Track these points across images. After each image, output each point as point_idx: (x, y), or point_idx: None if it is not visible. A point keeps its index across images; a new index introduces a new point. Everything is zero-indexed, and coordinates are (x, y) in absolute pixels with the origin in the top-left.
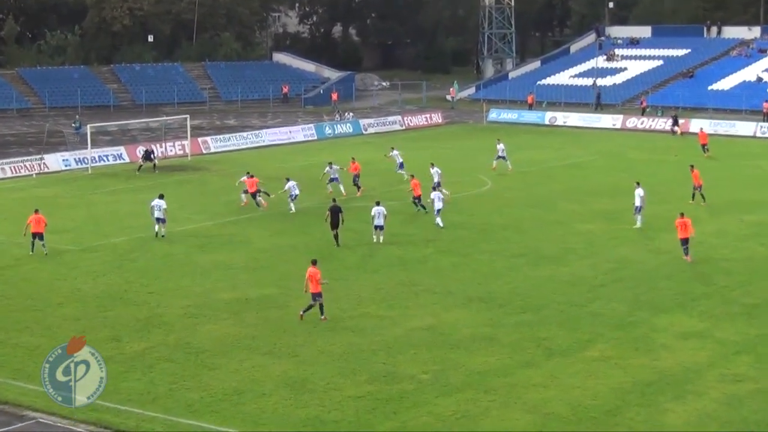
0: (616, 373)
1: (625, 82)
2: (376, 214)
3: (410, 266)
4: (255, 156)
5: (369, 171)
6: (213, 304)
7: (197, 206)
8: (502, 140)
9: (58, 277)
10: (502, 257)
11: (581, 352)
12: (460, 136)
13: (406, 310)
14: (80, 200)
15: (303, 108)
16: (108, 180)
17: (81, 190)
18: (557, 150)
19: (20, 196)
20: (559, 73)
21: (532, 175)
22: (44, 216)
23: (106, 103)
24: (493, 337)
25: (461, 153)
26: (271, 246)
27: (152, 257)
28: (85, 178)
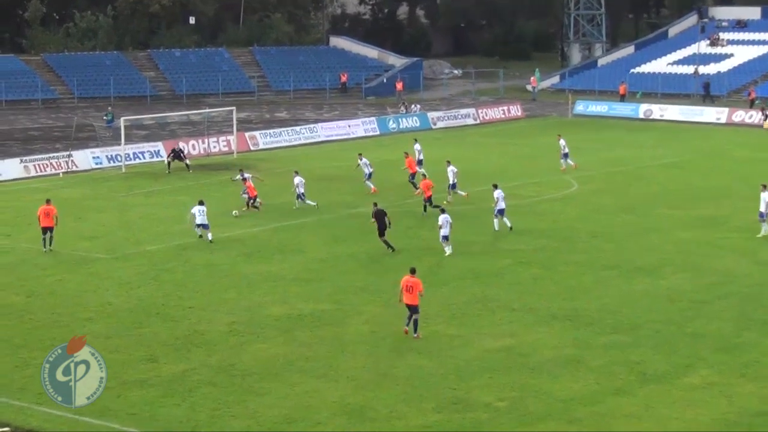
0: (720, 402)
1: (730, 70)
2: (443, 223)
3: (485, 279)
4: (309, 153)
5: (433, 172)
6: (261, 321)
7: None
8: (564, 135)
9: (87, 289)
10: (590, 269)
11: (680, 379)
12: (542, 132)
13: (480, 329)
14: (112, 203)
15: (363, 99)
16: (143, 180)
17: (113, 191)
18: (653, 148)
19: (45, 198)
20: (655, 59)
21: (624, 176)
22: (55, 207)
23: (142, 94)
24: (579, 360)
25: (543, 151)
26: (328, 255)
27: (192, 267)
28: (118, 177)
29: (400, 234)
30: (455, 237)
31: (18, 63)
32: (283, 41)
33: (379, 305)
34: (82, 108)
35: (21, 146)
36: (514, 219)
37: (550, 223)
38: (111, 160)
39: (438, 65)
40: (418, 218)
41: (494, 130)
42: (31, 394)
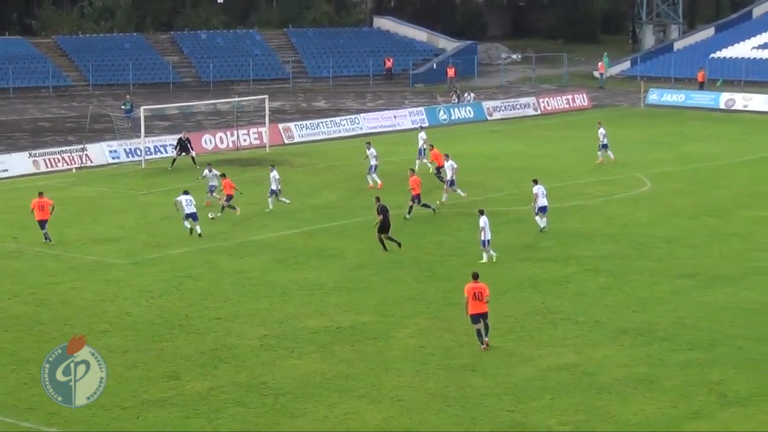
0: None
1: None
2: (485, 226)
3: (546, 288)
4: (350, 147)
5: (488, 168)
6: (295, 334)
7: (276, 210)
8: (604, 124)
9: (103, 298)
10: (664, 278)
11: (765, 402)
12: (611, 123)
13: (541, 345)
14: (131, 202)
15: (411, 87)
16: (166, 177)
17: (132, 188)
18: (736, 142)
19: (57, 197)
20: (738, 43)
21: (703, 175)
22: (50, 199)
23: (164, 80)
24: (652, 379)
25: (612, 145)
26: (370, 261)
27: (219, 274)
28: (138, 174)
29: (450, 236)
30: (513, 241)
31: (27, 46)
32: (322, 22)
33: (426, 317)
34: (97, 96)
35: (30, 139)
36: (580, 221)
37: (620, 226)
38: (129, 154)
39: (494, 49)
40: (472, 220)
41: (557, 122)
42: (40, 413)
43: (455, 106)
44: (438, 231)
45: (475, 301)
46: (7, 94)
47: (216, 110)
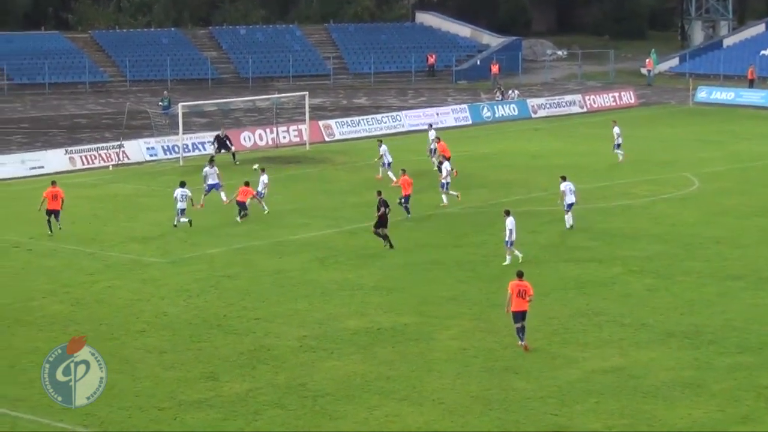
0: None
1: None
2: (512, 228)
3: (591, 290)
4: (391, 145)
5: (532, 166)
6: (335, 335)
7: (316, 209)
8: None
9: (139, 298)
10: (713, 280)
11: None
12: (659, 122)
13: (586, 347)
14: (168, 200)
15: (454, 84)
16: None
17: (169, 186)
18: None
19: (93, 194)
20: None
21: (753, 173)
22: (62, 189)
23: (203, 76)
24: (700, 383)
25: (660, 144)
26: (412, 261)
27: (258, 273)
28: (175, 171)
29: (493, 236)
30: (557, 241)
31: (63, 41)
32: (363, 17)
33: (469, 318)
34: (134, 92)
35: (66, 135)
36: (626, 221)
37: (667, 226)
38: (167, 151)
39: (539, 45)
40: (515, 220)
41: (603, 120)
42: (76, 414)
43: (499, 104)
44: (481, 231)
45: (519, 298)
46: (43, 89)
47: (255, 107)
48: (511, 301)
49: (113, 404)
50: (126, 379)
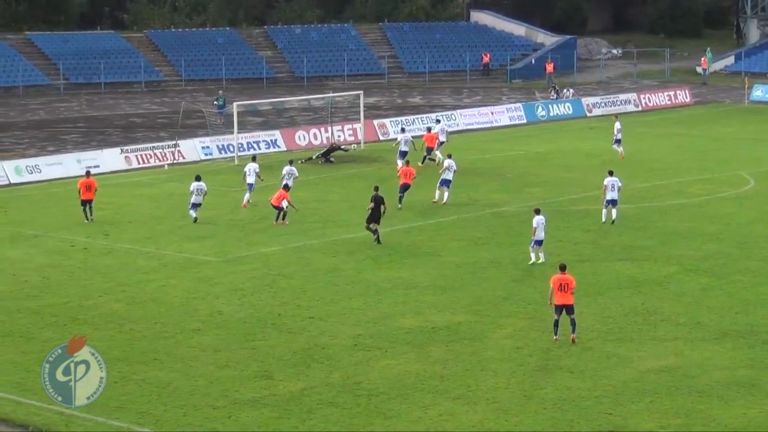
0: None
1: None
2: (538, 225)
3: (646, 289)
4: (447, 143)
5: (587, 165)
6: (390, 334)
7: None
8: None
9: (194, 296)
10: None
11: None
12: (715, 120)
13: (641, 346)
14: (223, 199)
15: (509, 83)
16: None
17: (224, 185)
18: None
19: (149, 193)
20: None
21: None
22: (95, 180)
23: (258, 76)
24: (755, 382)
25: (716, 142)
26: (467, 260)
27: (313, 272)
28: (230, 170)
29: (548, 234)
30: (613, 240)
31: (119, 41)
32: (418, 16)
33: (523, 317)
34: (190, 91)
35: (122, 134)
36: (681, 220)
37: (722, 225)
38: (222, 150)
39: (594, 44)
40: (570, 219)
41: (659, 119)
42: (131, 412)
43: (554, 102)
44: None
45: (561, 292)
46: (99, 89)
47: (310, 106)
48: (554, 294)
49: (168, 403)
50: (181, 377)
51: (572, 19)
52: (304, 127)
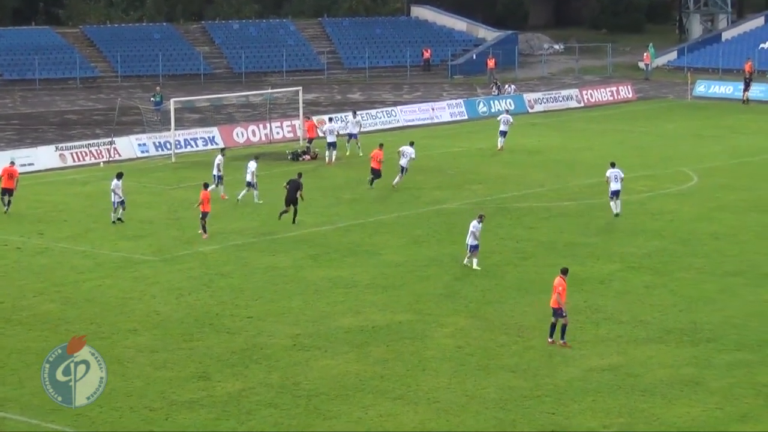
0: None
1: None
2: (474, 231)
3: (589, 287)
4: (386, 140)
5: (529, 162)
6: (329, 333)
7: (310, 205)
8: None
9: (130, 296)
10: (712, 276)
11: None
12: (657, 116)
13: (583, 345)
14: (160, 197)
15: (450, 79)
16: (196, 171)
17: (161, 183)
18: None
19: (84, 191)
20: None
21: (752, 169)
22: (18, 170)
23: (195, 72)
24: (698, 381)
25: (658, 138)
26: (407, 258)
27: (251, 271)
28: (167, 168)
29: (489, 232)
30: (555, 238)
31: (54, 36)
32: (358, 11)
33: (465, 316)
34: (126, 88)
35: (57, 132)
36: (624, 217)
37: (665, 222)
38: (159, 147)
39: (536, 39)
40: (512, 215)
41: (601, 115)
42: (67, 415)
43: (495, 99)
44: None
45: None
46: (34, 85)
47: (248, 102)
48: (560, 296)
49: (104, 404)
50: (117, 379)
51: (514, 14)
52: (242, 124)
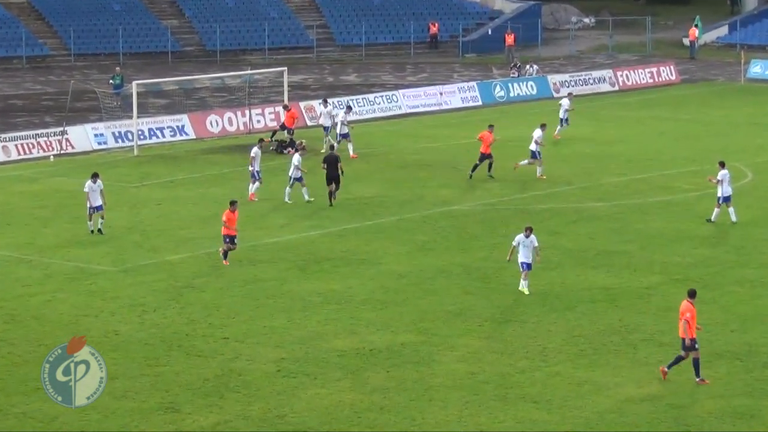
0: None
1: None
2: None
3: (624, 302)
4: (386, 130)
5: (554, 156)
6: (319, 357)
7: (297, 207)
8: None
9: (85, 313)
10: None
11: None
12: (705, 102)
13: (618, 371)
14: (120, 197)
15: (461, 57)
16: (163, 166)
17: (122, 180)
18: None
19: (32, 189)
20: None
21: None
22: None
23: (162, 49)
24: (753, 413)
25: (706, 128)
26: (411, 269)
27: (227, 284)
28: (129, 162)
29: (507, 239)
30: (585, 245)
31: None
32: None
33: (478, 337)
34: (80, 68)
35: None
36: (666, 221)
37: (715, 227)
38: (119, 138)
39: (562, 11)
40: (533, 219)
41: (639, 100)
42: None
43: (514, 81)
44: (493, 232)
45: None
46: None
47: (224, 86)
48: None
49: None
50: (70, 410)
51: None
52: (217, 111)
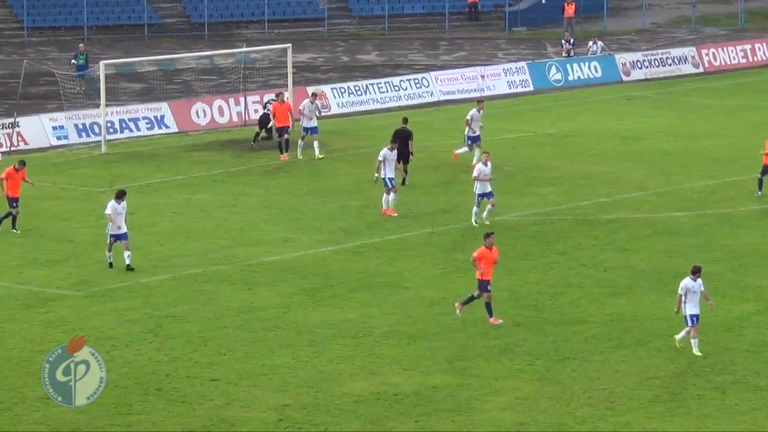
0: None
1: None
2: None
3: (711, 336)
4: (415, 122)
5: (624, 154)
6: (331, 404)
7: (304, 217)
8: None
9: (41, 348)
10: None
11: None
12: None
13: (702, 422)
14: (85, 204)
15: (508, 32)
16: (137, 166)
17: (87, 184)
18: None
19: None
20: None
21: None
22: None
23: (136, 22)
24: None
25: None
26: (445, 294)
27: (217, 313)
28: (96, 162)
29: (565, 255)
30: (661, 264)
31: None
32: None
33: (529, 379)
34: (35, 45)
35: None
36: (762, 235)
37: None
38: (83, 132)
39: None
40: (597, 233)
41: (729, 85)
42: None
43: (573, 61)
44: (547, 249)
45: None
46: None
47: (213, 67)
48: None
49: None
50: None
51: None
52: (204, 98)
